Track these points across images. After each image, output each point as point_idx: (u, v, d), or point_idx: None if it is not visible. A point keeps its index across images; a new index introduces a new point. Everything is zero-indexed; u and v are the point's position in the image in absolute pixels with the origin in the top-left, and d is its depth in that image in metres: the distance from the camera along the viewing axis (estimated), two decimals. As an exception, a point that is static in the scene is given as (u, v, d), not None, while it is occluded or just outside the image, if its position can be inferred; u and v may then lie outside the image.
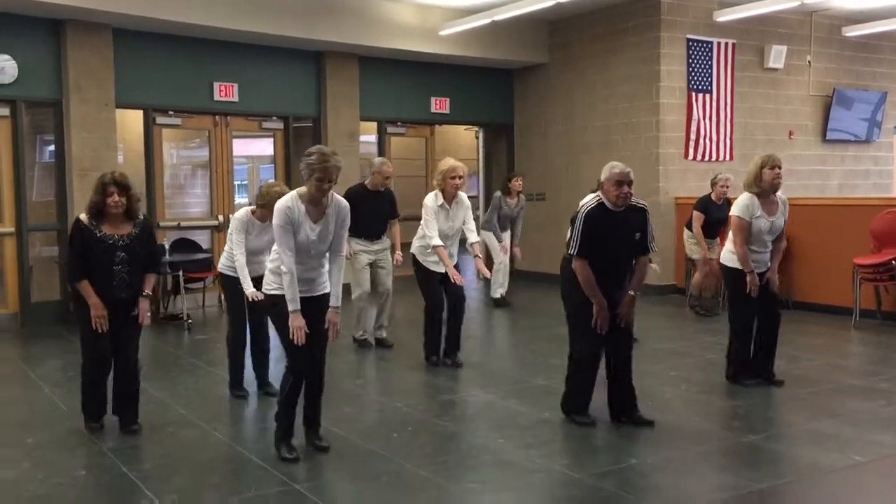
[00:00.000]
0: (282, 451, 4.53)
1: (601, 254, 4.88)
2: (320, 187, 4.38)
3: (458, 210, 6.65)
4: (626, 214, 4.93)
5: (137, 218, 5.05)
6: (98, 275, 4.92)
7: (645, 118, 10.73)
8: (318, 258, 4.55)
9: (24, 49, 8.81)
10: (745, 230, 5.75)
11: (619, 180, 4.86)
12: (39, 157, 9.86)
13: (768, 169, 5.75)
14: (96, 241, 4.91)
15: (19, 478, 4.33)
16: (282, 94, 10.68)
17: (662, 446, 4.71)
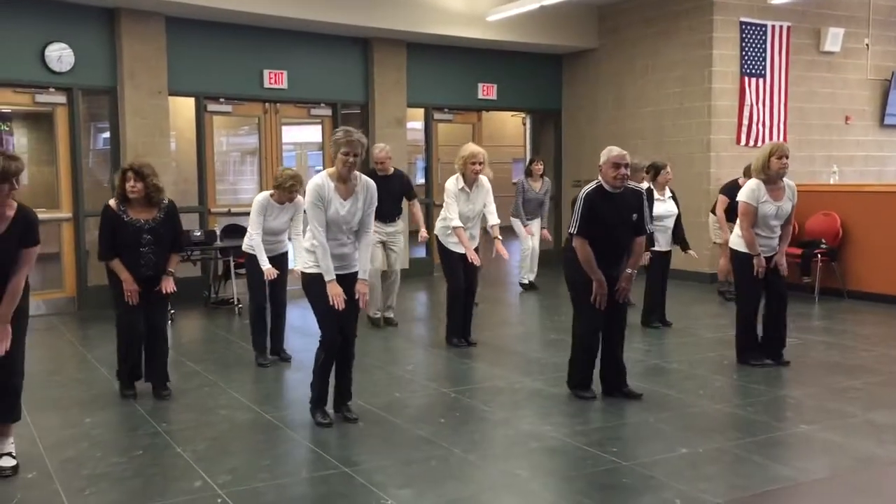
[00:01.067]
0: (316, 416, 4.93)
1: (600, 234, 5.16)
2: (346, 161, 4.67)
3: (478, 193, 6.87)
4: (624, 196, 5.21)
5: (162, 202, 5.45)
6: (127, 255, 5.38)
7: (697, 103, 10.56)
8: (349, 234, 4.84)
9: (80, 38, 8.98)
10: (752, 215, 5.97)
11: (616, 163, 5.13)
12: (94, 144, 10.08)
13: (776, 158, 5.93)
14: (123, 224, 5.36)
15: (78, 457, 4.44)
16: (330, 82, 10.73)
17: (714, 436, 4.65)
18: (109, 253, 5.39)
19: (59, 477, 4.14)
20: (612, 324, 5.37)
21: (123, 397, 5.59)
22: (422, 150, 12.15)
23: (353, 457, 4.38)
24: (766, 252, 6.07)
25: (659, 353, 6.77)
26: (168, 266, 5.53)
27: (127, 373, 5.64)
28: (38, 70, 8.77)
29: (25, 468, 4.27)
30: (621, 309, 5.39)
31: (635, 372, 6.11)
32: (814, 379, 5.89)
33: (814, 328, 7.79)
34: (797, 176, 10.92)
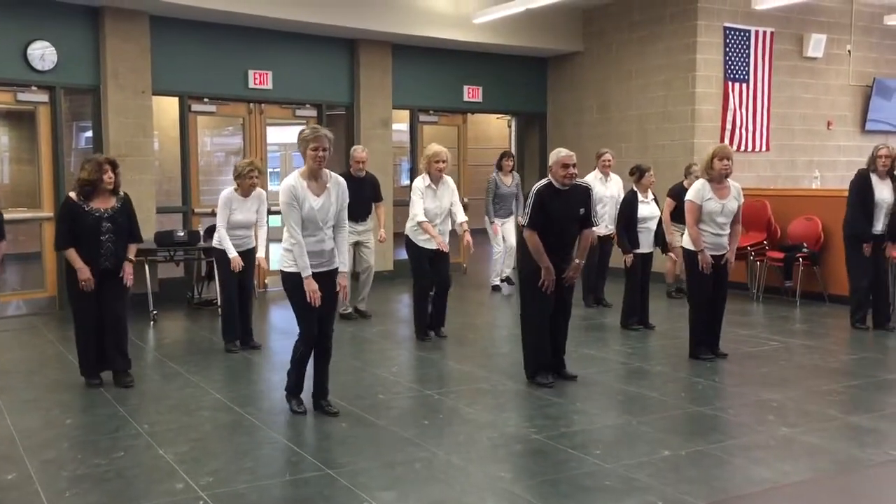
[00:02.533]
0: (291, 404, 5.17)
1: (551, 228, 5.60)
2: (315, 156, 4.82)
3: (444, 191, 7.23)
4: (572, 193, 5.68)
5: (119, 194, 5.80)
6: (87, 246, 5.64)
7: (681, 107, 10.61)
8: (326, 230, 4.99)
9: (63, 36, 8.91)
10: (696, 212, 6.33)
11: (565, 163, 5.61)
12: (76, 144, 10.00)
13: (718, 160, 6.33)
14: (84, 214, 5.63)
15: (59, 458, 4.41)
16: (315, 82, 10.71)
17: (696, 438, 4.68)
18: (67, 242, 5.65)
19: (40, 478, 4.10)
20: (556, 311, 5.77)
21: (90, 387, 5.78)
22: (407, 151, 12.15)
23: (336, 459, 4.37)
24: (716, 250, 6.38)
25: (641, 356, 6.80)
26: (128, 254, 5.85)
27: (90, 365, 5.84)
28: (20, 68, 8.70)
29: (5, 469, 4.23)
30: (566, 298, 5.82)
31: (618, 374, 6.14)
32: (795, 382, 5.93)
33: (795, 331, 7.85)
34: (780, 180, 11.05)
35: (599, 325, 8.08)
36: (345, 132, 11.16)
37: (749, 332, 7.66)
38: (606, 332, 7.75)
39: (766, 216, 9.54)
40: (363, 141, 10.97)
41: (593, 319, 8.36)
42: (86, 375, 5.87)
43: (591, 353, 6.85)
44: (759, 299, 9.38)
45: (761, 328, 7.96)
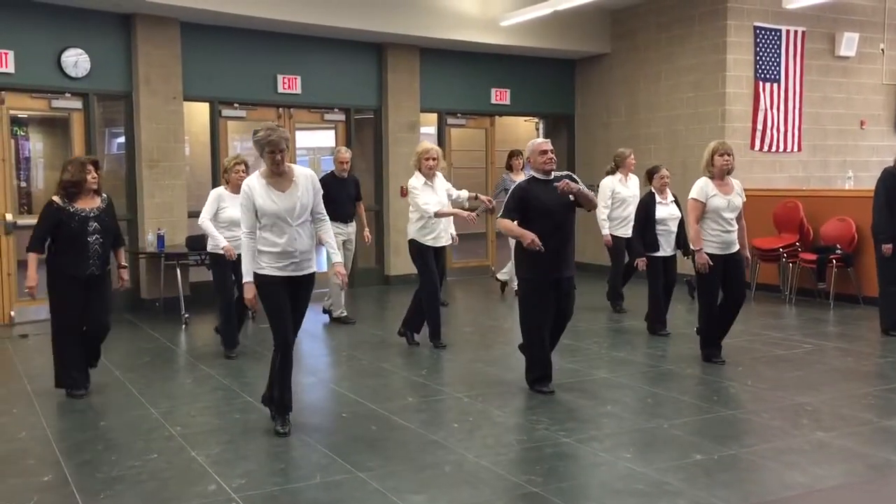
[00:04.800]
0: (276, 424, 4.86)
1: (544, 219, 5.45)
2: (273, 159, 4.70)
3: (440, 186, 7.16)
4: (558, 180, 5.49)
5: (102, 195, 5.72)
6: (73, 250, 5.52)
7: (710, 108, 10.53)
8: (300, 227, 4.78)
9: (96, 43, 9.05)
10: (698, 210, 6.27)
11: (542, 149, 5.60)
12: (109, 149, 10.13)
13: (718, 156, 6.31)
14: (70, 215, 5.52)
15: (94, 460, 4.46)
16: (344, 87, 10.77)
17: (729, 442, 4.63)
18: (38, 245, 5.55)
19: (75, 480, 4.16)
20: (556, 318, 5.67)
21: (73, 398, 5.64)
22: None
23: (366, 461, 4.38)
24: (726, 248, 6.30)
25: (671, 359, 6.75)
26: (119, 260, 5.88)
27: (72, 376, 5.70)
28: (54, 75, 8.84)
29: (41, 471, 4.30)
30: (565, 304, 5.66)
31: (648, 377, 6.09)
32: (829, 385, 5.85)
33: (829, 334, 7.75)
34: (812, 181, 10.91)
35: (628, 329, 8.03)
36: (373, 136, 11.21)
37: (782, 335, 7.57)
38: (635, 336, 7.69)
39: (798, 217, 9.43)
40: (391, 144, 11.02)
41: (621, 322, 8.31)
42: (68, 387, 5.69)
43: (620, 356, 6.81)
44: (791, 301, 9.27)
45: (794, 331, 7.86)
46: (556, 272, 5.52)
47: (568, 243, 5.60)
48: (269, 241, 4.75)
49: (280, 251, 4.74)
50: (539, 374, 5.68)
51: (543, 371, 5.68)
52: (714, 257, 6.26)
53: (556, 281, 5.54)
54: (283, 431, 4.80)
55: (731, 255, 6.33)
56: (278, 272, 4.76)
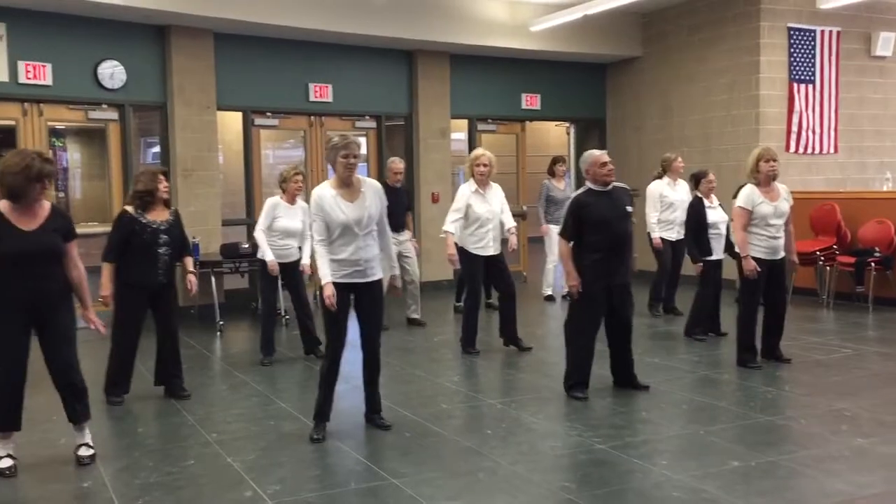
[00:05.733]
0: (312, 432, 4.90)
1: (602, 229, 5.52)
2: (346, 163, 4.75)
3: (493, 195, 7.11)
4: (615, 192, 5.67)
5: (170, 206, 5.91)
6: (144, 260, 5.66)
7: (745, 110, 10.42)
8: (366, 237, 4.84)
9: (131, 55, 9.19)
10: (744, 217, 6.25)
11: (602, 161, 5.64)
12: (144, 159, 10.29)
13: (763, 162, 6.26)
14: (142, 226, 5.66)
15: (132, 466, 4.52)
16: (374, 94, 10.83)
17: (766, 449, 4.56)
18: (114, 255, 5.65)
19: (114, 486, 4.21)
20: (615, 324, 5.73)
21: (112, 404, 5.74)
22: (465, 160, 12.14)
23: (400, 468, 4.39)
24: (773, 253, 6.28)
25: (708, 364, 6.67)
26: (188, 267, 6.00)
27: (119, 382, 5.82)
28: (91, 87, 9.00)
29: (81, 477, 4.36)
30: (624, 311, 5.70)
31: (684, 383, 6.03)
32: (869, 391, 5.75)
33: (868, 338, 7.62)
34: (849, 183, 10.74)
35: (665, 334, 7.96)
36: (403, 143, 11.24)
37: (820, 340, 7.46)
38: (672, 341, 7.62)
39: (835, 220, 9.29)
40: (422, 151, 11.06)
41: (659, 327, 8.23)
42: (111, 393, 5.78)
43: (655, 361, 6.75)
44: (829, 305, 9.13)
45: (832, 335, 7.74)
46: (609, 280, 5.58)
47: (624, 252, 5.66)
48: (336, 250, 4.81)
49: (346, 259, 4.80)
50: (577, 380, 5.68)
51: (582, 378, 5.68)
52: (760, 262, 6.23)
53: (609, 288, 5.58)
54: (316, 437, 4.85)
55: (776, 261, 6.30)
56: (341, 279, 4.81)
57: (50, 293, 4.37)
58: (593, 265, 5.55)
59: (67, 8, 8.49)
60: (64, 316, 4.46)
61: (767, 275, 6.29)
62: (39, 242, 4.30)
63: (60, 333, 4.43)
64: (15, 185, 4.23)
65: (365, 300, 4.92)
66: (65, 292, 4.48)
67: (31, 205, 4.33)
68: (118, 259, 5.67)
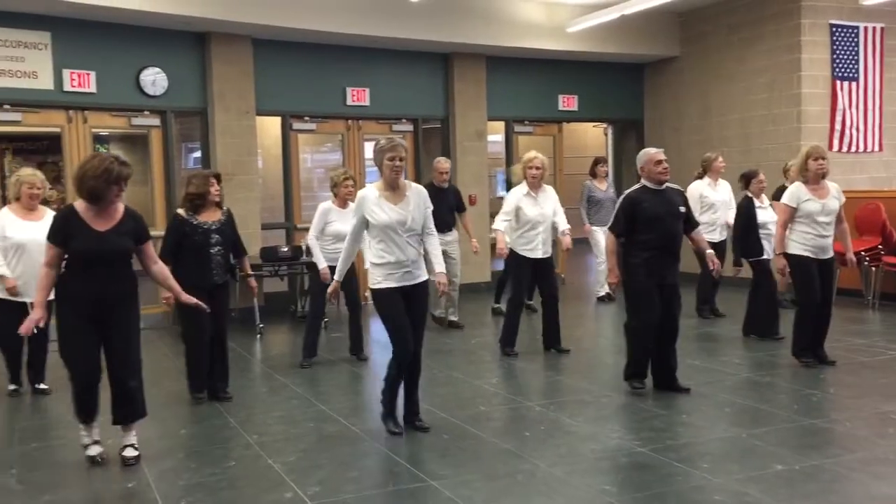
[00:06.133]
0: (389, 425, 5.03)
1: (654, 227, 5.57)
2: (393, 166, 4.84)
3: (546, 198, 7.08)
4: (668, 192, 5.72)
5: (222, 207, 6.00)
6: (197, 261, 5.76)
7: (786, 109, 10.27)
8: (410, 239, 4.91)
9: (173, 62, 9.33)
10: (787, 214, 6.25)
11: (658, 159, 5.68)
12: (185, 164, 10.43)
13: (812, 160, 6.23)
14: (194, 228, 5.79)
15: (175, 467, 4.59)
16: (411, 97, 10.86)
17: (811, 452, 4.49)
18: (168, 257, 5.66)
19: (158, 486, 4.28)
20: (662, 325, 5.68)
21: (197, 402, 5.90)
22: (502, 162, 12.16)
23: (439, 470, 4.39)
24: (822, 252, 6.26)
25: (750, 366, 6.59)
26: (245, 269, 6.18)
27: (200, 380, 5.97)
28: (133, 94, 9.15)
29: (126, 478, 4.44)
30: (672, 311, 5.70)
31: (726, 385, 5.96)
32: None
33: (916, 340, 7.46)
34: (895, 181, 10.52)
35: (707, 335, 7.87)
36: (440, 145, 11.26)
37: (865, 341, 7.32)
38: (713, 342, 7.54)
39: (880, 219, 9.11)
40: (458, 153, 11.06)
41: (701, 329, 8.15)
42: (194, 390, 5.98)
43: (696, 363, 6.67)
44: (874, 306, 8.95)
45: (878, 336, 7.59)
46: (660, 279, 5.62)
47: (674, 252, 5.70)
48: (381, 253, 4.90)
49: (392, 261, 4.88)
50: (635, 371, 5.80)
51: (640, 370, 5.79)
52: (808, 261, 6.20)
53: (659, 287, 5.63)
54: (396, 430, 4.99)
55: (824, 261, 6.24)
56: (394, 283, 4.89)
57: (116, 293, 4.49)
58: (645, 263, 5.59)
59: (110, 16, 8.64)
60: (128, 317, 4.57)
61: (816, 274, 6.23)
62: (110, 243, 4.43)
63: (123, 335, 4.54)
64: (96, 187, 4.39)
65: (412, 302, 4.97)
66: (132, 294, 4.59)
67: (107, 207, 4.48)
68: (172, 261, 5.74)
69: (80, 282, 4.44)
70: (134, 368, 4.62)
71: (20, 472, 4.59)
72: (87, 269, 4.43)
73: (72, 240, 4.42)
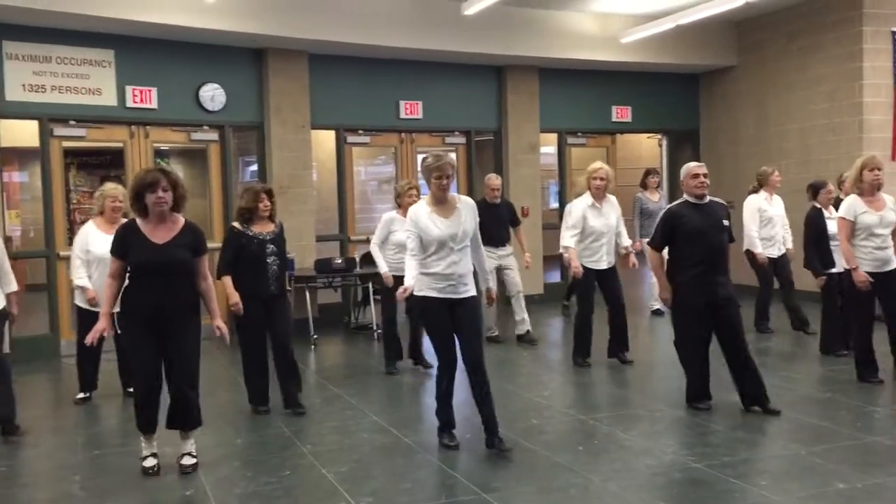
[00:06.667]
0: (443, 439, 5.02)
1: (697, 242, 5.50)
2: (439, 184, 4.90)
3: (610, 209, 7.09)
4: (711, 205, 5.66)
5: (275, 220, 6.07)
6: (254, 271, 5.85)
7: (847, 118, 10.04)
8: (459, 252, 4.93)
9: (231, 78, 9.53)
10: (848, 228, 6.11)
11: (695, 173, 5.61)
12: (242, 177, 10.63)
13: (868, 171, 6.11)
14: (249, 239, 5.88)
15: (231, 475, 4.67)
16: (464, 110, 10.91)
17: (874, 471, 4.37)
18: (228, 269, 5.87)
19: (215, 494, 4.36)
20: (728, 340, 5.58)
21: (258, 414, 5.94)
22: (555, 174, 12.13)
23: (491, 483, 4.39)
24: (882, 265, 6.10)
25: (809, 382, 6.44)
26: None
27: (259, 392, 6.02)
28: (193, 109, 9.36)
29: (184, 486, 4.53)
30: (735, 324, 5.56)
31: (784, 401, 5.82)
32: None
33: None
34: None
35: (763, 350, 7.71)
36: (493, 158, 11.28)
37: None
38: (772, 358, 7.38)
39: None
40: (511, 166, 11.07)
41: (760, 344, 7.97)
42: (255, 403, 6.04)
43: (753, 378, 6.53)
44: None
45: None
46: (711, 294, 5.51)
47: (720, 266, 5.60)
48: (430, 264, 4.93)
49: (441, 273, 4.91)
50: (697, 392, 5.69)
51: (701, 389, 5.68)
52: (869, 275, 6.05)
53: (712, 304, 5.52)
54: (451, 444, 4.96)
55: (886, 273, 6.08)
56: (437, 294, 4.91)
57: (174, 306, 4.60)
58: (692, 280, 5.51)
59: (171, 34, 8.87)
60: (187, 329, 4.67)
61: (880, 287, 6.07)
62: (167, 255, 4.55)
63: (181, 346, 4.63)
64: (134, 195, 4.56)
65: (460, 316, 4.95)
66: (191, 306, 4.70)
67: (165, 220, 4.60)
68: (230, 272, 5.89)
69: (141, 293, 4.57)
70: (192, 379, 4.72)
71: (83, 479, 4.72)
72: (147, 281, 4.55)
73: (131, 251, 4.54)
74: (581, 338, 7.19)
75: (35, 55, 8.41)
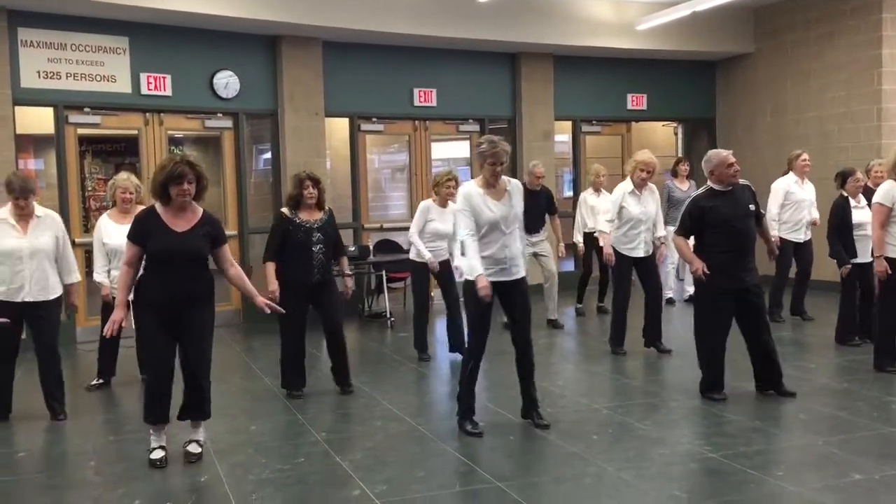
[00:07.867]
0: (465, 426, 5.01)
1: (725, 230, 5.47)
2: (493, 171, 4.89)
3: (649, 197, 7.07)
4: (736, 191, 5.58)
5: (324, 208, 6.05)
6: (300, 259, 5.87)
7: (866, 106, 9.94)
8: (510, 235, 4.94)
9: (245, 65, 9.52)
10: (883, 214, 6.02)
11: (730, 162, 5.54)
12: (256, 165, 10.63)
13: None
14: (296, 226, 5.90)
15: (245, 462, 4.67)
16: (478, 97, 10.86)
17: (892, 462, 4.32)
18: (272, 256, 5.91)
19: (229, 481, 4.37)
20: (755, 328, 5.60)
21: (292, 398, 5.98)
22: (569, 162, 12.07)
23: (504, 472, 4.38)
24: None
25: (826, 372, 6.39)
26: (343, 268, 6.26)
27: (295, 377, 6.07)
28: (207, 97, 9.37)
29: (199, 472, 4.54)
30: (762, 312, 5.63)
31: (801, 391, 5.78)
32: None
33: None
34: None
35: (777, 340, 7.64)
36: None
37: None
38: (786, 347, 7.33)
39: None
40: (525, 153, 11.01)
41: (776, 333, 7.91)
42: (288, 388, 6.07)
43: (769, 368, 6.49)
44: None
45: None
46: (738, 282, 5.49)
47: (749, 252, 5.58)
48: (483, 248, 4.90)
49: (490, 256, 4.90)
50: (711, 382, 5.65)
51: (716, 379, 5.64)
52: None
53: (739, 291, 5.51)
54: (474, 432, 4.96)
55: None
56: (489, 277, 4.88)
57: (191, 293, 4.59)
58: (719, 266, 5.48)
59: (186, 21, 8.87)
60: (202, 318, 4.66)
61: None
62: (187, 243, 4.54)
63: (196, 335, 4.63)
64: (158, 186, 4.54)
65: (513, 298, 5.00)
66: (207, 294, 4.68)
67: (182, 207, 4.59)
68: (276, 259, 5.91)
69: (157, 282, 4.55)
70: (206, 368, 4.71)
71: (97, 465, 4.75)
72: (164, 269, 4.54)
73: (150, 239, 4.54)
74: (618, 325, 7.17)
75: (50, 42, 8.43)
